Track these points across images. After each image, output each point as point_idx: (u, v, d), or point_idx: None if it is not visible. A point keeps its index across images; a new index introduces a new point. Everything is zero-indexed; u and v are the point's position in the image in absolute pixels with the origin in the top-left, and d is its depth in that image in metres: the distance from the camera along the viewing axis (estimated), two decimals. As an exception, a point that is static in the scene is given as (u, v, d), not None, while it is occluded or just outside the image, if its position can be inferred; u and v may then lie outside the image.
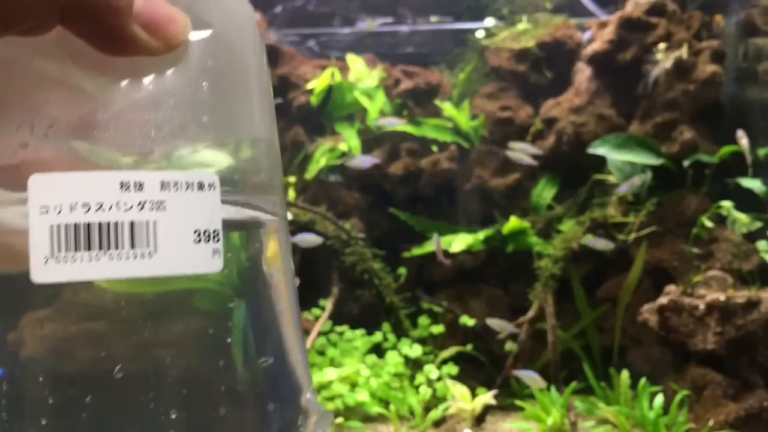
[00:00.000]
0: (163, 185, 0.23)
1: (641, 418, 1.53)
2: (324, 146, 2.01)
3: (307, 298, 1.84)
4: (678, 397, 1.51)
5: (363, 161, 1.89)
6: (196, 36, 0.25)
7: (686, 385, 1.54)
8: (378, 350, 1.82)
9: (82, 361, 0.23)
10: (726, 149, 1.76)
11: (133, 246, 0.23)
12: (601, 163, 1.84)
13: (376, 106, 2.03)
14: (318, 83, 2.02)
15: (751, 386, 1.49)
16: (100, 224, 0.23)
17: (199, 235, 0.24)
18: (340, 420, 1.61)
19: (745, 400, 1.48)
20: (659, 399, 1.54)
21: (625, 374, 1.65)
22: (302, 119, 2.07)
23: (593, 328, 1.90)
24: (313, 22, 2.33)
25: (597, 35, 1.96)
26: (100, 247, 0.22)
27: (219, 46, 0.26)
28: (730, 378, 1.51)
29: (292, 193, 2.00)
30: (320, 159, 1.99)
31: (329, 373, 1.65)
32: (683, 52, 1.80)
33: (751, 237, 1.70)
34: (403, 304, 1.90)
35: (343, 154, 1.98)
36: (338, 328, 1.84)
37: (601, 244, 1.76)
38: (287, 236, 0.29)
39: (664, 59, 1.79)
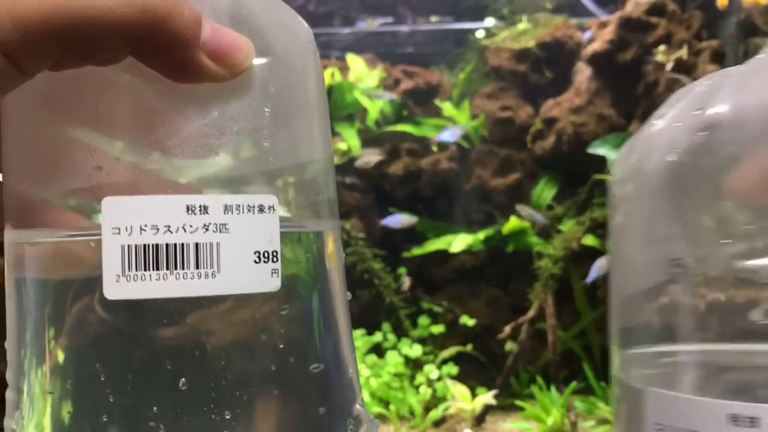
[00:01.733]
0: (226, 209, 0.25)
1: (642, 418, 1.53)
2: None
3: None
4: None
5: (368, 158, 1.90)
6: (258, 62, 0.26)
7: (687, 385, 1.54)
8: (378, 350, 1.82)
9: (144, 358, 0.24)
10: (726, 149, 1.76)
11: (197, 266, 0.24)
12: (601, 163, 1.84)
13: (376, 106, 2.03)
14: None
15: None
16: (167, 245, 0.24)
17: (259, 256, 0.25)
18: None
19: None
20: (660, 399, 1.54)
21: (625, 374, 1.65)
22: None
23: (593, 328, 1.90)
24: (313, 22, 2.33)
25: (597, 35, 1.96)
26: (167, 267, 0.24)
27: (281, 71, 0.27)
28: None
29: (291, 193, 1.99)
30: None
31: (329, 373, 1.64)
32: (683, 52, 1.80)
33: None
34: (403, 304, 1.90)
35: (343, 154, 1.98)
36: (338, 328, 1.83)
37: (536, 216, 1.80)
38: (341, 246, 0.30)
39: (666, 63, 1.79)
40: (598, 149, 1.82)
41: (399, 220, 1.87)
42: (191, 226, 0.24)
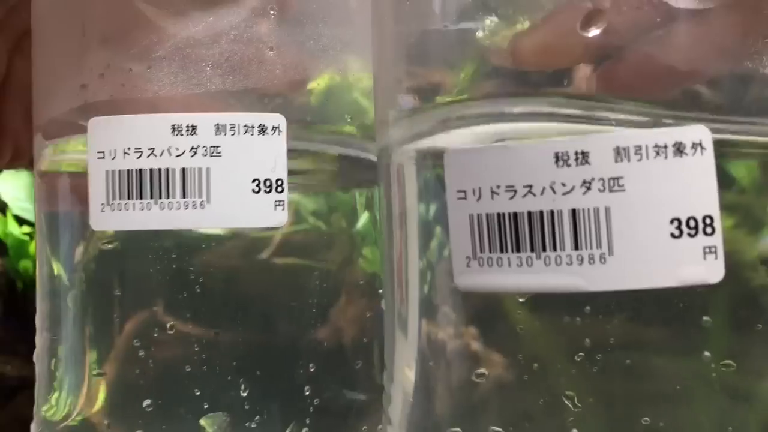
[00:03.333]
0: (218, 129, 0.22)
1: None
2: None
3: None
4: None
5: None
6: None
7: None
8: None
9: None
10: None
11: (184, 195, 0.21)
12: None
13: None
14: (318, 83, 2.00)
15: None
16: (151, 171, 0.21)
17: (258, 184, 0.22)
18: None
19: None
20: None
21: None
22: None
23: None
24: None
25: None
26: (151, 196, 0.21)
27: None
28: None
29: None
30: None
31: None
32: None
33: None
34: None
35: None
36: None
37: None
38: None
39: None
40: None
41: None
42: (177, 149, 0.21)
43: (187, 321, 0.22)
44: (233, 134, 0.22)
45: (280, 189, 0.22)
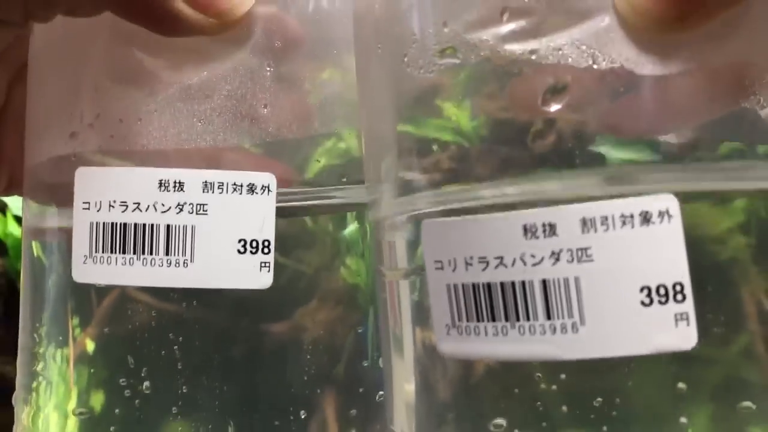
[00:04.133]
0: (207, 186, 0.21)
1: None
2: (324, 146, 2.00)
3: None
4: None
5: None
6: (260, 10, 0.22)
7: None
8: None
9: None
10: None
11: (167, 252, 0.21)
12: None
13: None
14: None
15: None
16: (135, 225, 0.21)
17: (244, 245, 0.21)
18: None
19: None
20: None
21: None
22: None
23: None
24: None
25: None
26: (134, 251, 0.21)
27: (290, 22, 0.23)
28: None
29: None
30: (321, 159, 1.98)
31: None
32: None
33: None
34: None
35: (344, 154, 1.97)
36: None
37: None
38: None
39: None
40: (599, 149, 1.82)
41: None
42: (163, 205, 0.21)
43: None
44: (221, 192, 0.21)
45: (266, 250, 0.22)
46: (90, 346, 0.23)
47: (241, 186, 0.21)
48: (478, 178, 0.20)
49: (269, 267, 0.22)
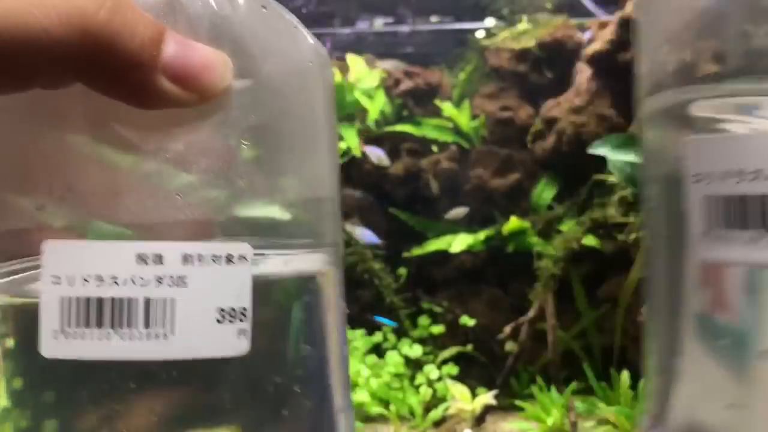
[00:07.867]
0: (186, 259, 0.22)
1: (641, 419, 1.53)
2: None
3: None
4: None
5: (381, 157, 1.93)
6: (238, 84, 0.22)
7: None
8: (378, 350, 1.82)
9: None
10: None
11: (147, 326, 0.21)
12: (601, 163, 1.84)
13: (376, 106, 2.03)
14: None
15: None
16: (112, 300, 0.21)
17: (223, 314, 0.22)
18: (340, 420, 1.61)
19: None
20: (659, 399, 1.53)
21: (625, 375, 1.65)
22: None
23: (594, 329, 1.90)
24: (313, 22, 2.33)
25: (597, 35, 1.95)
26: (112, 325, 0.21)
27: (267, 96, 0.23)
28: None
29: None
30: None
31: (329, 374, 1.64)
32: (683, 52, 1.80)
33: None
34: (403, 304, 1.90)
35: (344, 154, 1.98)
36: (338, 329, 1.83)
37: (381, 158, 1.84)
38: (341, 287, 0.26)
39: None
40: (599, 149, 1.80)
41: (377, 153, 1.90)
42: (142, 279, 0.21)
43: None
44: (200, 263, 0.22)
45: (242, 318, 0.22)
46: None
47: (220, 257, 0.22)
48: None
49: (246, 334, 0.22)
